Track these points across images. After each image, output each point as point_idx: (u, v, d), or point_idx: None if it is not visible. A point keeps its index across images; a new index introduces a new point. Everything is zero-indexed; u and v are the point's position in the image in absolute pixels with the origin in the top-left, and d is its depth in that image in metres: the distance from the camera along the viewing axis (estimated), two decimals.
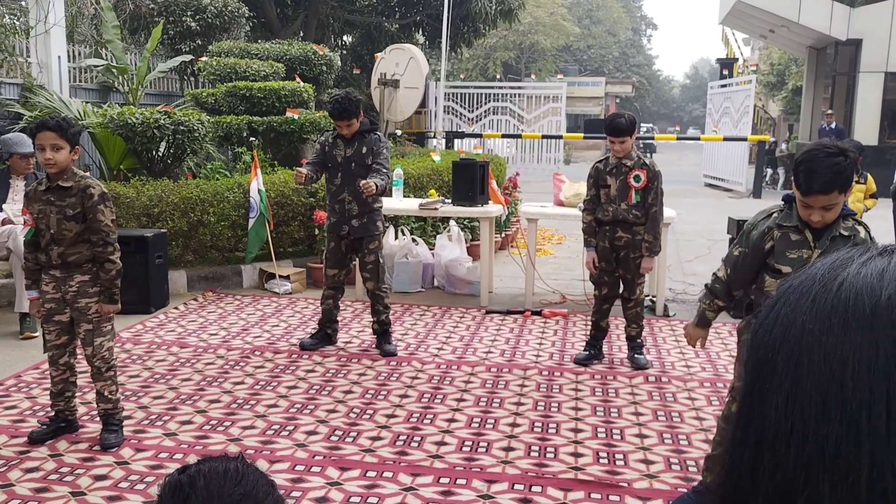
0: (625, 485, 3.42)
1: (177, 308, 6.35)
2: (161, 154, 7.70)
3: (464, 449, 3.75)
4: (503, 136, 18.70)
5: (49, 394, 3.82)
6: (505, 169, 11.24)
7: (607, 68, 47.81)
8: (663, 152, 39.57)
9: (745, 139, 16.73)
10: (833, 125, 16.28)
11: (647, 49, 60.74)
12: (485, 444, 3.82)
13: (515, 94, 20.68)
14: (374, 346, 5.36)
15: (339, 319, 5.47)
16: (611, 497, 3.30)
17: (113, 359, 3.77)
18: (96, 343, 3.69)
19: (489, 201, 6.90)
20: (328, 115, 5.47)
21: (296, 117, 8.83)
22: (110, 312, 3.72)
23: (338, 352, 5.29)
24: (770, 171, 20.47)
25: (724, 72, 21.77)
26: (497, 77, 32.00)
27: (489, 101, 19.64)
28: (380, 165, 5.06)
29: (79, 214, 3.62)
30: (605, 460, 3.66)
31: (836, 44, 18.35)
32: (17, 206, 5.42)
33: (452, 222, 7.76)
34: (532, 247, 6.70)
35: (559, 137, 19.23)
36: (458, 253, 7.31)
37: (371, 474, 3.44)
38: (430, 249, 7.49)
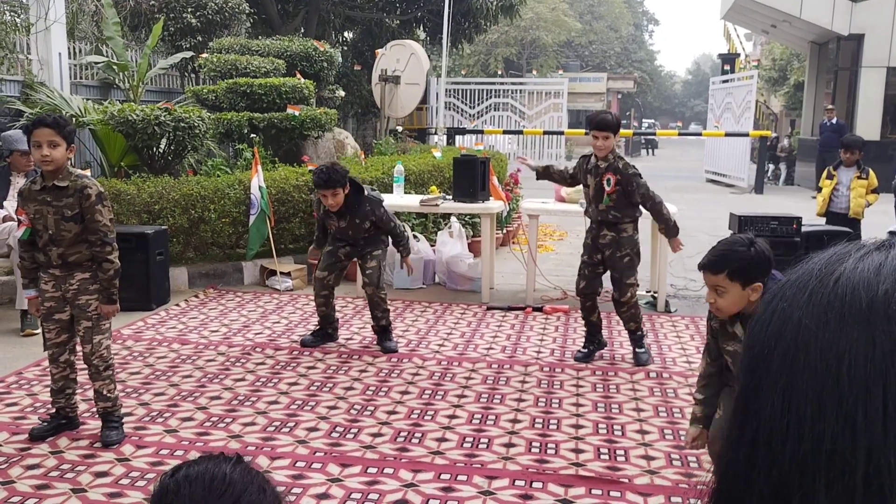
0: (626, 481, 3.41)
1: (178, 305, 6.36)
2: (162, 151, 7.70)
3: (465, 445, 3.75)
4: (504, 133, 18.70)
5: (49, 391, 3.83)
6: (506, 165, 11.23)
7: (609, 64, 47.71)
8: (665, 148, 39.56)
9: (746, 135, 16.70)
10: (834, 121, 16.22)
11: (649, 44, 60.62)
12: (486, 440, 3.82)
13: (517, 90, 20.66)
14: (375, 342, 5.36)
15: (337, 318, 5.46)
16: (612, 493, 3.30)
17: (111, 357, 3.77)
18: (95, 341, 3.68)
19: (490, 197, 6.90)
20: (313, 184, 5.25)
21: (296, 114, 8.82)
22: (110, 313, 3.71)
23: (339, 348, 5.29)
24: (772, 166, 20.44)
25: (726, 67, 21.70)
26: (498, 73, 31.93)
27: (490, 97, 19.61)
28: (392, 232, 5.25)
29: (77, 215, 3.59)
30: (606, 456, 3.66)
31: (839, 39, 18.30)
32: None
33: (453, 218, 7.76)
34: (533, 243, 6.69)
35: (560, 133, 19.21)
36: (460, 249, 7.31)
37: (372, 470, 3.44)
38: (432, 246, 7.48)
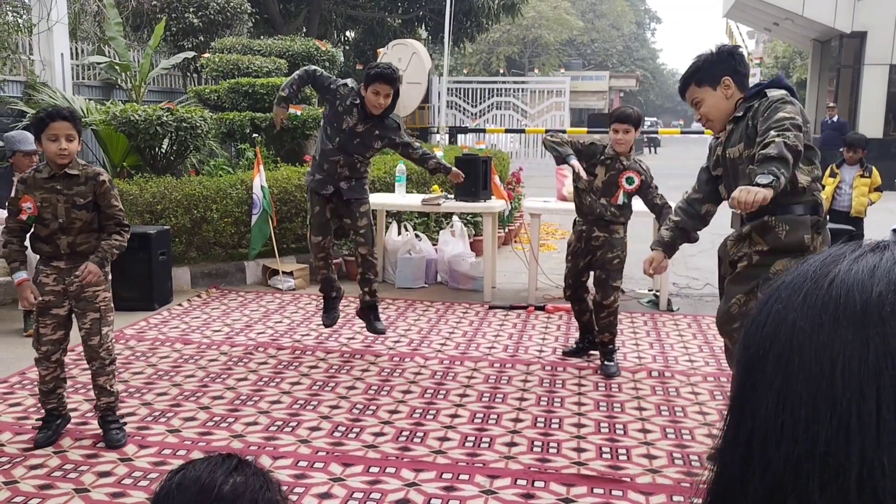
0: (627, 480, 3.41)
1: (180, 305, 6.37)
2: (164, 151, 7.71)
3: (467, 444, 3.75)
4: (506, 131, 18.69)
5: (39, 393, 3.76)
6: (508, 164, 11.22)
7: (611, 62, 47.69)
8: (667, 146, 39.49)
9: None
10: (836, 118, 16.18)
11: (651, 43, 60.61)
12: (488, 439, 3.82)
13: (519, 88, 20.65)
14: (365, 327, 5.26)
15: (340, 307, 5.36)
16: (613, 492, 3.30)
17: (115, 350, 3.79)
18: (103, 332, 3.67)
19: (492, 196, 6.90)
20: (365, 79, 4.62)
21: (298, 113, 8.82)
22: (95, 274, 3.57)
23: (341, 348, 5.29)
24: None
25: None
26: (500, 72, 31.94)
27: (492, 95, 19.60)
28: (416, 149, 4.96)
29: (90, 203, 3.61)
30: (608, 455, 3.66)
31: (841, 36, 18.27)
32: None
33: (455, 218, 7.76)
34: (535, 242, 6.69)
35: (563, 132, 19.18)
36: (461, 248, 7.31)
37: (374, 470, 3.45)
38: (433, 245, 7.48)
